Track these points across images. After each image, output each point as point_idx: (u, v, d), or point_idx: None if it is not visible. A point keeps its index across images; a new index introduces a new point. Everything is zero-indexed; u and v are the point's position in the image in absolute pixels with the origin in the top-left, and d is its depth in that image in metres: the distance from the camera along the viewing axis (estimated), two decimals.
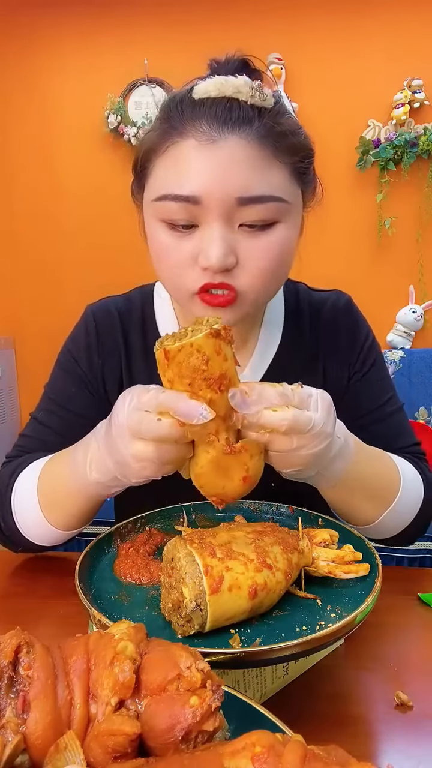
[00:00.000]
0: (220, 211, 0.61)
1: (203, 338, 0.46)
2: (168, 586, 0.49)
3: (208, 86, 0.62)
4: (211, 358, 0.47)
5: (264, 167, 0.62)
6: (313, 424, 0.51)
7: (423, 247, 2.67)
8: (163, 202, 0.63)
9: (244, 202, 0.61)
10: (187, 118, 0.62)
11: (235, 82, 0.61)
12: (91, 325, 0.85)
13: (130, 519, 0.69)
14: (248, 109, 0.62)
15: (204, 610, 0.46)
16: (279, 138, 0.62)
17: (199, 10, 2.63)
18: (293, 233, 0.67)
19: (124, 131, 2.70)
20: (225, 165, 0.60)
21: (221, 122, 0.61)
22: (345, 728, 0.48)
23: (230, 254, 0.62)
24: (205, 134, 0.61)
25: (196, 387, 0.47)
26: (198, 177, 0.60)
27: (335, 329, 0.84)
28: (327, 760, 0.28)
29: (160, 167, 0.65)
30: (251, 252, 0.63)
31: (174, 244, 0.64)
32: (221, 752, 0.30)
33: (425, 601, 0.67)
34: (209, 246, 0.61)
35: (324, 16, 2.58)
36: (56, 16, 2.71)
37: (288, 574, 0.51)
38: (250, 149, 0.61)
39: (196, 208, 0.61)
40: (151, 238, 0.68)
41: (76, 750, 0.32)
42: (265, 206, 0.62)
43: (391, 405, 0.84)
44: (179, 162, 0.62)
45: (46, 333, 2.89)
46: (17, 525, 0.72)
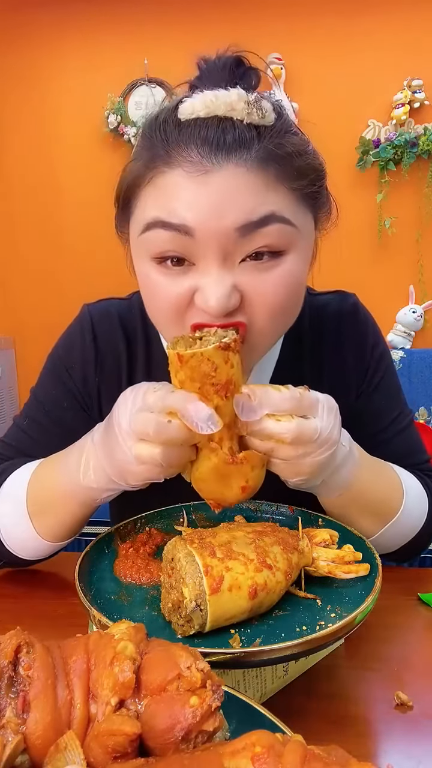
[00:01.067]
0: (216, 247, 0.52)
1: (213, 350, 0.48)
2: (168, 586, 0.49)
3: (195, 105, 0.53)
4: (219, 366, 0.48)
5: (266, 193, 0.53)
6: (319, 433, 0.50)
7: (423, 247, 2.68)
8: (153, 232, 0.54)
9: (245, 231, 0.52)
10: (173, 145, 0.53)
11: (227, 99, 0.52)
12: (87, 331, 0.76)
13: (130, 519, 0.69)
14: (245, 129, 0.52)
15: (204, 610, 0.46)
16: (283, 161, 0.54)
17: (199, 10, 2.63)
18: (304, 263, 0.59)
19: (124, 131, 2.70)
20: (220, 196, 0.51)
21: (213, 148, 0.51)
22: (345, 728, 0.48)
23: (233, 294, 0.53)
24: (195, 164, 0.52)
25: (205, 391, 0.49)
26: (189, 209, 0.52)
27: (339, 337, 0.77)
28: (327, 760, 0.28)
29: (146, 197, 0.56)
30: (258, 289, 0.54)
31: (167, 283, 0.56)
32: (221, 752, 0.30)
33: (425, 601, 0.67)
34: (208, 287, 0.53)
35: (324, 16, 2.58)
36: (56, 15, 2.71)
37: (288, 574, 0.51)
38: (249, 176, 0.52)
39: (190, 242, 0.53)
40: (141, 276, 0.59)
41: (76, 750, 0.32)
42: (270, 230, 0.53)
43: (401, 421, 0.79)
44: (167, 191, 0.54)
45: (46, 333, 2.88)
46: (0, 537, 0.68)
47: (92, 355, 0.76)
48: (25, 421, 0.78)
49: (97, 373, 0.76)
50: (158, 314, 0.60)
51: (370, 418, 0.78)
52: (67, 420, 0.77)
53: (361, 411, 0.78)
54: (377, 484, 0.65)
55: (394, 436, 0.79)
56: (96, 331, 0.77)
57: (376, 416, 0.78)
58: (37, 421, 0.78)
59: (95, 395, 0.77)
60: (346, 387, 0.77)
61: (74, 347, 0.77)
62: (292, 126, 0.58)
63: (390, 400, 0.80)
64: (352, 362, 0.78)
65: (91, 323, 0.77)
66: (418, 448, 0.81)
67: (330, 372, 0.77)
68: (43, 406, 0.78)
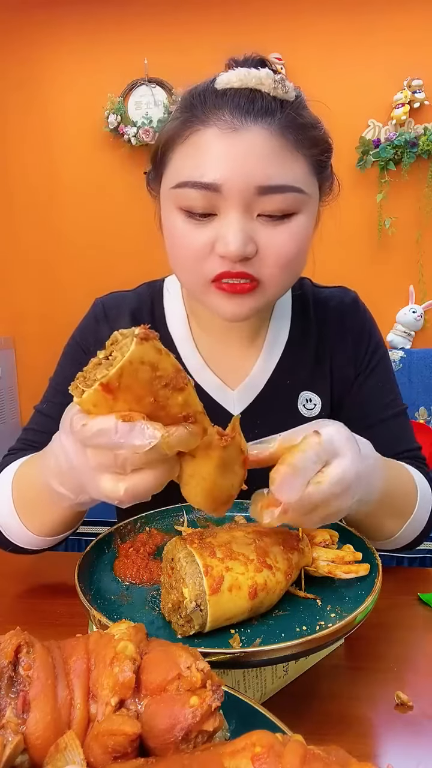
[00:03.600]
0: (239, 199, 0.61)
1: (137, 348, 0.38)
2: (168, 587, 0.49)
3: (231, 77, 0.62)
4: (157, 360, 0.39)
5: (285, 158, 0.62)
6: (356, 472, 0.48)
7: (423, 247, 2.67)
8: (183, 190, 0.63)
9: (264, 192, 0.61)
10: (210, 108, 0.62)
11: (257, 74, 0.62)
12: (101, 316, 0.84)
13: (130, 519, 0.69)
14: (270, 100, 0.62)
15: (204, 611, 0.46)
16: (300, 130, 0.63)
17: (199, 10, 2.63)
18: (311, 224, 0.67)
19: (124, 131, 2.70)
20: (246, 154, 0.60)
21: (244, 112, 0.61)
22: (345, 728, 0.48)
23: (250, 242, 0.62)
24: (227, 123, 0.60)
25: (163, 397, 0.40)
26: (219, 165, 0.60)
27: (341, 327, 0.84)
28: (327, 760, 0.28)
29: (180, 155, 0.64)
30: (271, 241, 0.63)
31: (191, 231, 0.64)
32: (221, 752, 0.30)
33: (425, 601, 0.67)
34: (228, 234, 0.61)
35: (324, 16, 2.58)
36: (56, 16, 2.71)
37: (288, 574, 0.51)
38: (271, 139, 0.61)
39: (216, 196, 0.61)
40: (167, 227, 0.67)
41: (76, 750, 0.32)
42: (285, 196, 0.62)
43: (394, 407, 0.83)
44: (200, 150, 0.62)
45: (46, 333, 2.90)
46: (1, 527, 0.68)
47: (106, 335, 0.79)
48: (45, 405, 0.83)
49: None
50: (180, 262, 0.67)
51: (365, 400, 0.83)
52: None
53: (357, 393, 0.83)
54: (397, 486, 0.66)
55: (389, 420, 0.82)
56: (108, 315, 0.84)
57: (371, 398, 0.83)
58: (56, 402, 0.81)
59: None
60: (346, 365, 0.83)
61: (89, 331, 0.84)
62: (306, 105, 0.67)
63: (384, 384, 0.84)
64: (352, 349, 0.83)
65: (103, 310, 0.85)
66: (411, 435, 0.84)
67: (332, 351, 0.83)
68: (60, 387, 0.82)
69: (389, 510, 0.66)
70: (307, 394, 0.82)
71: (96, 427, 0.39)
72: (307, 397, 0.82)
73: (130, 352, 0.38)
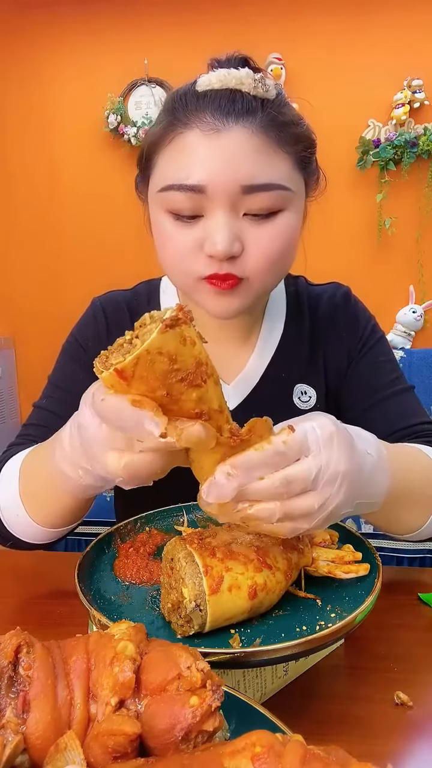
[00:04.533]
0: (225, 199, 0.62)
1: (159, 337, 0.37)
2: (168, 587, 0.49)
3: (211, 78, 0.63)
4: (178, 352, 0.38)
5: (268, 156, 0.62)
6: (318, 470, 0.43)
7: (423, 247, 2.67)
8: (168, 193, 0.63)
9: (249, 191, 0.61)
10: (191, 110, 0.63)
11: (237, 74, 0.62)
12: (99, 314, 0.85)
13: (130, 519, 0.69)
14: (251, 100, 0.62)
15: (204, 611, 0.46)
16: (282, 128, 0.63)
17: (199, 10, 2.62)
18: (297, 221, 0.68)
19: (124, 131, 2.70)
20: (229, 154, 0.61)
21: (225, 113, 0.61)
22: (345, 728, 0.48)
23: (236, 241, 0.63)
24: (209, 124, 0.61)
25: (177, 392, 0.39)
26: (203, 166, 0.61)
27: (333, 319, 0.85)
28: (327, 760, 0.28)
29: (165, 158, 0.65)
30: (257, 240, 0.64)
31: (179, 232, 0.65)
32: (221, 752, 0.30)
33: (425, 601, 0.67)
34: (215, 233, 0.62)
35: (324, 16, 2.58)
36: (56, 16, 2.71)
37: (288, 574, 0.51)
38: (253, 139, 0.62)
39: (201, 197, 0.62)
40: (156, 229, 0.69)
41: (76, 750, 0.32)
42: (270, 194, 0.62)
43: (394, 385, 0.82)
44: (184, 152, 0.63)
45: (46, 333, 2.89)
46: (3, 520, 0.67)
47: (104, 332, 0.84)
48: (44, 400, 0.83)
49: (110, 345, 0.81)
50: (169, 262, 0.68)
51: (359, 382, 0.83)
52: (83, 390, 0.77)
53: (357, 373, 0.84)
54: (413, 473, 0.62)
55: (391, 397, 0.81)
56: (106, 312, 0.85)
57: (370, 376, 0.83)
58: (55, 396, 0.82)
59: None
60: (338, 356, 0.84)
61: (87, 327, 0.85)
62: (287, 102, 0.68)
63: (384, 364, 0.84)
64: (345, 334, 0.84)
65: (101, 308, 0.86)
66: (418, 409, 0.81)
67: (325, 343, 0.84)
68: (59, 382, 0.83)
69: (406, 503, 0.62)
70: (302, 387, 0.83)
71: (109, 405, 0.40)
72: (302, 389, 0.83)
73: (149, 340, 0.36)
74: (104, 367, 0.39)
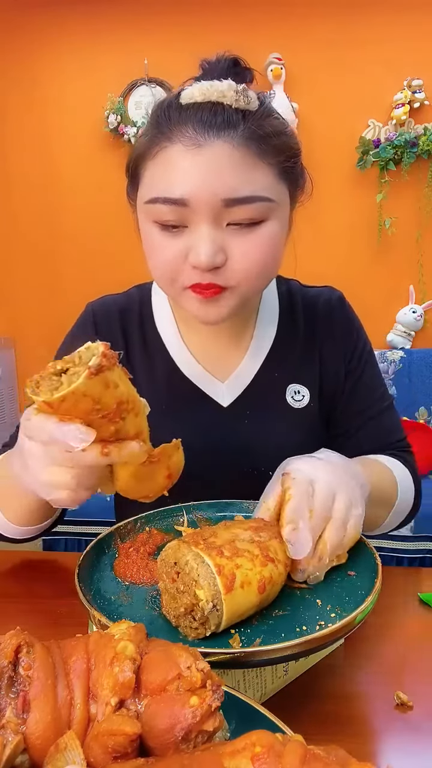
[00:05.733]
0: (207, 212, 0.63)
1: (84, 382, 0.40)
2: (174, 591, 0.49)
3: (194, 91, 0.64)
4: (100, 396, 0.41)
5: (249, 169, 0.63)
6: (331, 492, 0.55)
7: (423, 247, 2.67)
8: (155, 205, 0.65)
9: (231, 204, 0.63)
10: (174, 124, 0.64)
11: (219, 87, 0.63)
12: (90, 320, 0.87)
13: (130, 519, 0.69)
14: (233, 113, 0.63)
15: (220, 610, 0.46)
16: (264, 140, 0.64)
17: (199, 10, 2.63)
18: (281, 229, 0.69)
19: (124, 131, 2.70)
20: (211, 168, 0.62)
21: (206, 126, 0.62)
22: (345, 728, 0.48)
23: (219, 252, 0.64)
24: (191, 139, 0.62)
25: (97, 424, 0.43)
26: (185, 181, 0.62)
27: (330, 321, 0.87)
28: (327, 760, 0.28)
29: (151, 171, 0.67)
30: (240, 249, 0.65)
31: (166, 243, 0.66)
32: (221, 752, 0.30)
33: (425, 601, 0.67)
34: (198, 245, 0.64)
35: (324, 16, 2.58)
36: (56, 15, 2.71)
37: (287, 565, 0.52)
38: (235, 152, 0.62)
39: (185, 210, 0.63)
40: (144, 237, 0.71)
41: (76, 750, 0.32)
42: (252, 206, 0.63)
43: (383, 401, 0.88)
44: (167, 166, 0.64)
45: (46, 333, 2.89)
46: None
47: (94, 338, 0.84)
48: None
49: None
50: (157, 271, 0.70)
51: (359, 395, 0.87)
52: None
53: (352, 388, 0.87)
54: (381, 481, 0.73)
55: (381, 413, 0.87)
56: (97, 320, 0.87)
57: (365, 393, 0.87)
58: None
59: None
60: (336, 358, 0.86)
61: (79, 335, 0.87)
62: (273, 112, 0.68)
63: (374, 380, 0.89)
64: (340, 342, 0.87)
65: (92, 314, 0.88)
66: (398, 428, 0.90)
67: (322, 343, 0.86)
68: None
69: (376, 503, 0.71)
70: (295, 386, 0.85)
71: (35, 424, 0.43)
72: (295, 389, 0.84)
73: (75, 384, 0.40)
74: (34, 393, 0.42)
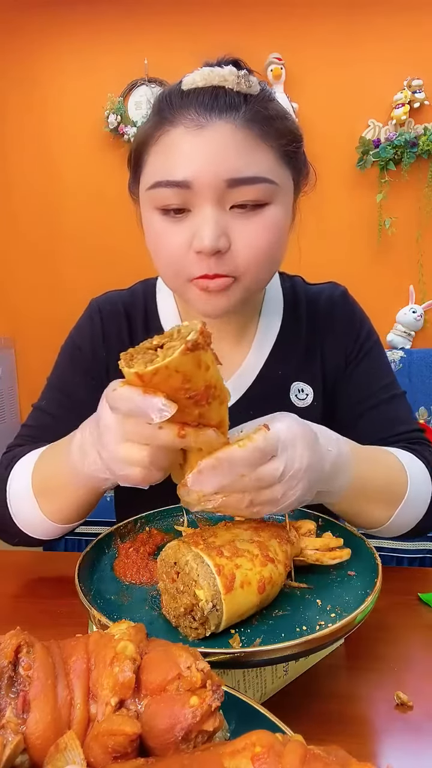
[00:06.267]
0: (210, 194, 0.62)
1: (179, 357, 0.40)
2: (174, 591, 0.49)
3: (195, 77, 0.64)
4: (192, 375, 0.41)
5: (251, 150, 0.63)
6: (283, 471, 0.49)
7: (423, 247, 2.67)
8: (157, 189, 0.64)
9: (234, 184, 0.62)
10: (177, 108, 0.64)
11: (221, 72, 0.64)
12: (96, 316, 0.86)
13: (130, 519, 0.69)
14: (234, 95, 0.63)
15: (220, 610, 0.46)
16: (266, 122, 0.64)
17: (199, 10, 2.62)
18: (285, 215, 0.68)
19: (124, 131, 2.70)
20: (213, 149, 0.62)
21: (208, 109, 0.62)
22: (345, 728, 0.48)
23: (222, 236, 0.63)
24: (193, 121, 0.63)
25: (182, 405, 0.42)
26: (188, 162, 0.62)
27: (331, 317, 0.86)
28: (327, 760, 0.28)
29: (153, 156, 0.66)
30: (244, 233, 0.64)
31: (168, 230, 0.66)
32: (221, 752, 0.30)
33: (425, 601, 0.67)
34: (202, 228, 0.63)
35: (324, 16, 2.58)
36: (56, 15, 2.71)
37: (286, 565, 0.52)
38: (237, 133, 0.62)
39: (188, 192, 0.63)
40: (147, 228, 0.70)
41: (76, 750, 0.32)
42: (255, 188, 0.63)
43: (388, 391, 0.84)
44: (170, 149, 0.64)
45: (46, 333, 2.89)
46: (12, 516, 0.70)
47: (99, 333, 0.85)
48: (43, 402, 0.85)
49: (104, 349, 0.85)
50: (161, 262, 0.69)
51: (357, 386, 0.84)
52: (79, 392, 0.83)
53: (347, 380, 0.85)
54: (378, 472, 0.67)
55: (381, 404, 0.83)
56: (102, 313, 0.87)
57: (365, 382, 0.84)
58: (54, 397, 0.84)
59: (104, 369, 0.85)
60: (337, 353, 0.85)
61: (84, 329, 0.87)
62: (274, 97, 0.68)
63: (378, 369, 0.85)
64: (342, 334, 0.85)
65: (98, 309, 0.87)
66: (405, 419, 0.84)
67: (323, 340, 0.85)
68: (58, 384, 0.85)
69: (370, 497, 0.66)
70: (299, 385, 0.84)
71: (121, 394, 0.44)
72: (299, 387, 0.84)
73: (170, 358, 0.40)
74: (127, 365, 0.42)
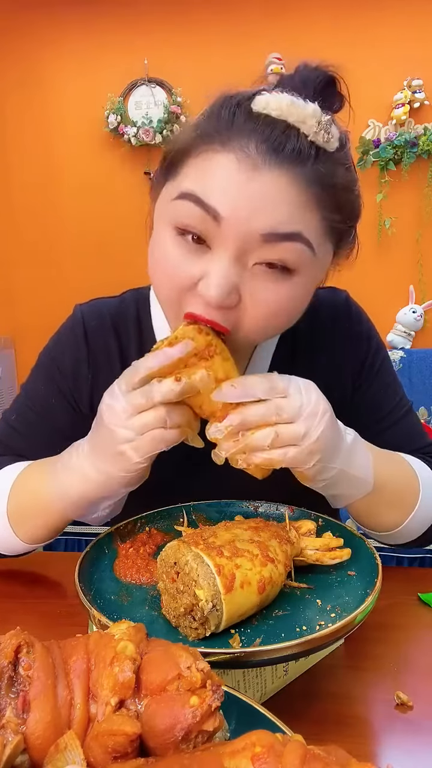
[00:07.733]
0: (237, 241, 0.53)
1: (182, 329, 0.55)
2: (174, 591, 0.49)
3: (270, 102, 0.53)
4: (194, 337, 0.54)
5: (301, 210, 0.54)
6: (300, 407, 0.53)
7: (423, 247, 2.67)
8: (183, 202, 0.54)
9: (270, 239, 0.53)
10: (236, 131, 0.54)
11: (302, 110, 0.53)
12: (79, 329, 0.77)
13: (130, 519, 0.69)
14: (306, 144, 0.53)
15: (220, 610, 0.46)
16: (329, 189, 0.55)
17: (199, 10, 2.62)
18: (308, 290, 0.60)
19: (123, 131, 2.70)
20: (259, 197, 0.52)
21: (271, 149, 0.52)
22: (345, 728, 0.48)
23: (233, 293, 0.55)
24: (249, 156, 0.52)
25: (191, 365, 0.54)
26: (226, 197, 0.52)
27: (334, 337, 0.79)
28: (327, 760, 0.28)
29: (190, 170, 0.56)
30: (261, 295, 0.56)
31: (179, 255, 0.56)
32: (221, 752, 0.30)
33: (425, 601, 0.67)
34: (212, 276, 0.54)
35: (324, 16, 2.58)
36: (57, 15, 2.71)
37: (286, 565, 0.52)
38: (291, 190, 0.53)
39: (214, 226, 0.53)
40: (155, 242, 0.60)
41: (76, 750, 0.32)
42: (291, 247, 0.54)
43: (401, 407, 0.81)
44: (211, 172, 0.54)
45: (46, 333, 2.88)
46: None
47: (84, 353, 0.77)
48: (14, 416, 0.79)
49: (90, 370, 0.77)
50: (161, 288, 0.60)
51: (369, 408, 0.80)
52: (55, 417, 0.78)
53: (359, 402, 0.79)
54: (395, 476, 0.67)
55: (394, 424, 0.80)
56: (87, 329, 0.78)
57: (375, 406, 0.80)
58: (25, 416, 0.79)
59: (87, 392, 0.77)
60: (341, 381, 0.79)
61: (66, 346, 0.78)
62: (349, 161, 0.59)
63: (387, 388, 0.81)
64: (348, 356, 0.79)
65: (82, 322, 0.78)
66: (420, 433, 0.82)
67: (323, 368, 0.76)
68: (31, 402, 0.79)
69: (388, 501, 0.66)
70: None
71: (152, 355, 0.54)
72: None
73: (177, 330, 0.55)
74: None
